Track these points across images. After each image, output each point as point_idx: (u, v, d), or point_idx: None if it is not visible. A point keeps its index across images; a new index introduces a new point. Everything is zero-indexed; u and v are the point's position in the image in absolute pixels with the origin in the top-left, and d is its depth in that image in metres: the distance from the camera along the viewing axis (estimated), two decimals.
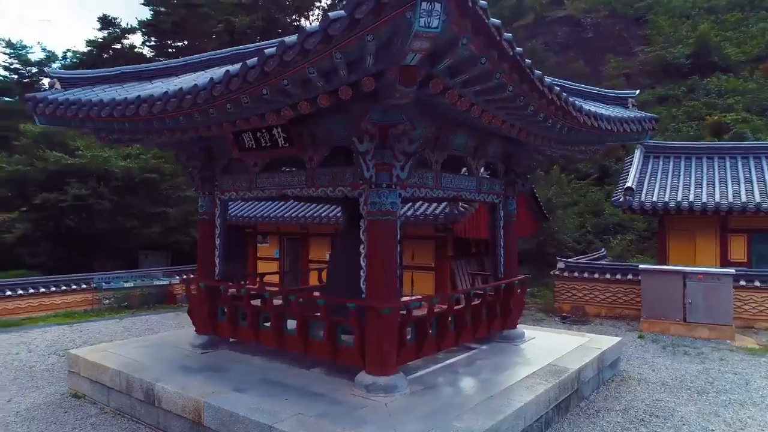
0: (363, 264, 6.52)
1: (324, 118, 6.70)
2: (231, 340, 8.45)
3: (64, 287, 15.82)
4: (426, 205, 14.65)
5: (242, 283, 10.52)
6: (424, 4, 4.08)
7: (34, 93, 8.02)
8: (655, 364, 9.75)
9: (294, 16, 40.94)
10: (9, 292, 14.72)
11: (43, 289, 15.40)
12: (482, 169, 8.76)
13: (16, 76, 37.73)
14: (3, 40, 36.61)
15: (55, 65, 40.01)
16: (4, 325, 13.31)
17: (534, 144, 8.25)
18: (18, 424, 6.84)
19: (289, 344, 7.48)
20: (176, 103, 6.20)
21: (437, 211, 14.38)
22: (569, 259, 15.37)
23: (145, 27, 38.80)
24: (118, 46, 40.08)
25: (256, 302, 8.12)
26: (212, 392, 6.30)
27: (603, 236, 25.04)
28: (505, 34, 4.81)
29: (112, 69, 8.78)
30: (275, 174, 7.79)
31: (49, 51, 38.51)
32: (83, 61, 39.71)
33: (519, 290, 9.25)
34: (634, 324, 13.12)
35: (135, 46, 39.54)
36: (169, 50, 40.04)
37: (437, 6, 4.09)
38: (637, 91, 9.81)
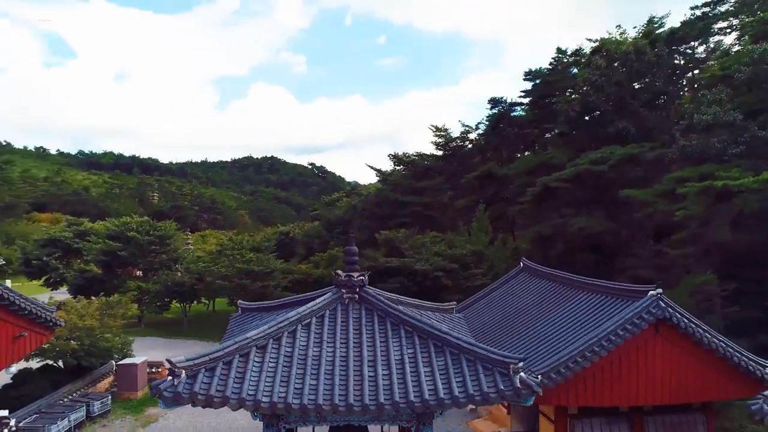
0: None
1: None
2: None
3: None
4: None
5: None
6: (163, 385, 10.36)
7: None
8: None
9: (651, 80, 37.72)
10: None
11: None
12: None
13: (442, 151, 51.50)
14: (434, 126, 50.76)
15: (473, 135, 51.71)
16: None
17: None
18: None
19: None
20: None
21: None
22: None
23: (526, 100, 45.55)
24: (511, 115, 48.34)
25: None
26: None
27: None
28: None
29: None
30: None
31: (467, 125, 50.34)
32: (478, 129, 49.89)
33: None
34: None
35: (519, 117, 46.81)
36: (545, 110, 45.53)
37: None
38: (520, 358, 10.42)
